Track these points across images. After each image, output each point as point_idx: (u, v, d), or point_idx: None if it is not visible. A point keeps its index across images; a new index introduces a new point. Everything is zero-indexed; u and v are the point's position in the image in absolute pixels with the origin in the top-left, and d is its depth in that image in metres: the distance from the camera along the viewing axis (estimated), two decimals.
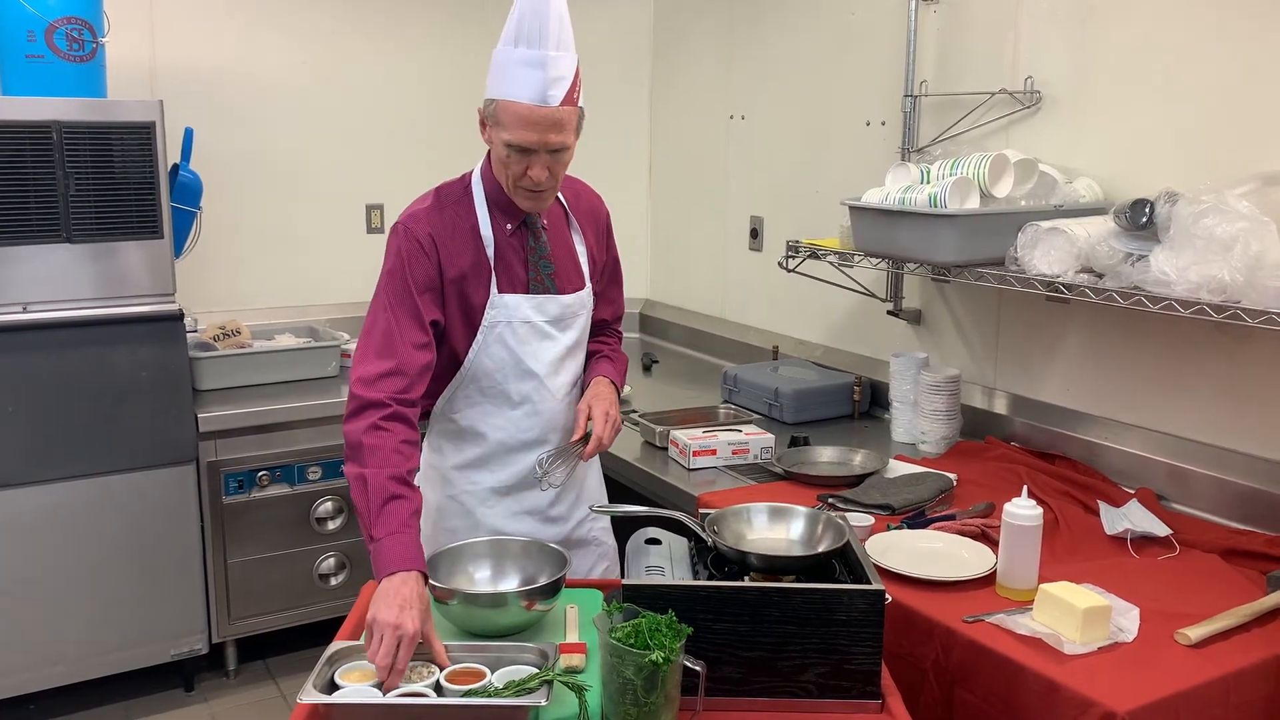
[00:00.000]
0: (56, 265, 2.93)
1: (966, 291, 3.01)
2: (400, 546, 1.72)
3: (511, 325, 2.06)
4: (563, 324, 2.12)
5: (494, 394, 2.09)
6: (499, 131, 1.93)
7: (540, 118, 1.88)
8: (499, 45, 1.92)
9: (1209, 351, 2.44)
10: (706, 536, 1.78)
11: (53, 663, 3.08)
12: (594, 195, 2.26)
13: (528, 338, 2.07)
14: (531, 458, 2.11)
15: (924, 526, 2.30)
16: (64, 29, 2.92)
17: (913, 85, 3.07)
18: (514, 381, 2.08)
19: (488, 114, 1.95)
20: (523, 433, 2.11)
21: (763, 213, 3.78)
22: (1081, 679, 1.70)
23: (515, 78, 1.88)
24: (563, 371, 2.13)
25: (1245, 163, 2.28)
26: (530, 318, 2.07)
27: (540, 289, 2.08)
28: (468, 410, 2.11)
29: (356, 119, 3.92)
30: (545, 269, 2.10)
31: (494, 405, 2.10)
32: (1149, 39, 2.51)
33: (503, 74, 1.90)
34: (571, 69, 1.90)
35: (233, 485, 3.25)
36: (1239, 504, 2.37)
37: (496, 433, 2.11)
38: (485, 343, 2.05)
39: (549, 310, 2.09)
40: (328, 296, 3.95)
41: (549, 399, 2.11)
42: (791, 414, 3.15)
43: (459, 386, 2.09)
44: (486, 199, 2.06)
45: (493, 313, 2.05)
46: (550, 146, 1.91)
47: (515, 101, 1.88)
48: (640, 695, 1.47)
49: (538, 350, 2.08)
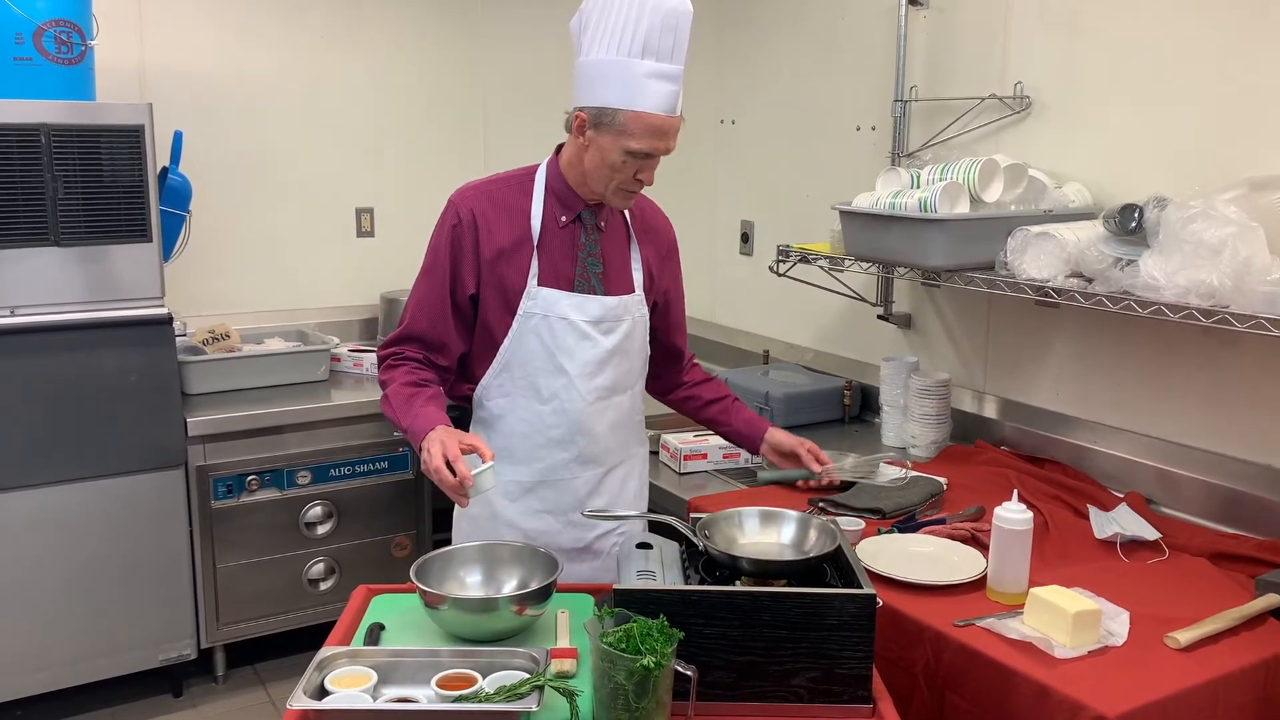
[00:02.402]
0: (45, 268, 2.91)
1: (956, 296, 3.02)
2: (424, 419, 1.96)
3: (548, 320, 2.08)
4: (604, 326, 2.11)
5: (525, 386, 2.11)
6: (621, 139, 1.95)
7: (669, 127, 1.96)
8: (611, 54, 1.91)
9: (1198, 356, 2.46)
10: (698, 541, 1.78)
11: (39, 668, 3.06)
12: (661, 216, 2.28)
13: (564, 335, 2.08)
14: (559, 456, 2.13)
15: (914, 530, 2.30)
16: (52, 31, 2.91)
17: (902, 90, 3.08)
18: (544, 376, 2.10)
19: (603, 120, 1.95)
20: (549, 429, 2.12)
21: (753, 217, 3.79)
22: (1072, 682, 1.70)
23: (648, 89, 1.92)
24: (600, 375, 2.12)
25: (1234, 168, 2.29)
26: (568, 315, 2.08)
27: (585, 287, 2.10)
28: (500, 399, 2.13)
29: (346, 122, 3.91)
30: (593, 267, 2.11)
31: (524, 398, 2.12)
32: (1138, 44, 2.52)
33: (630, 84, 1.91)
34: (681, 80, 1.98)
35: (221, 489, 3.24)
36: (1228, 508, 2.38)
37: (523, 425, 2.12)
38: (521, 332, 2.08)
39: (589, 310, 2.10)
40: (317, 300, 3.94)
41: (578, 399, 2.11)
42: (782, 418, 3.15)
43: (495, 374, 2.12)
44: (547, 188, 2.09)
45: (529, 303, 2.07)
46: (663, 152, 1.99)
47: (649, 113, 1.92)
48: (631, 700, 1.47)
49: (573, 349, 2.09)
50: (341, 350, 3.69)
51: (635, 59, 1.91)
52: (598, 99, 1.94)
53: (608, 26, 1.91)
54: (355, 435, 3.40)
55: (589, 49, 1.94)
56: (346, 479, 3.41)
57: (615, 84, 1.92)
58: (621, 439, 2.22)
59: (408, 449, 3.47)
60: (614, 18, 1.91)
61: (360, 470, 3.43)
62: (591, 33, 1.94)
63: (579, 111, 1.98)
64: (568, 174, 2.08)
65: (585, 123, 1.97)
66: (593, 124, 1.96)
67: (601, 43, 1.92)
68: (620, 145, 1.95)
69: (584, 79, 1.96)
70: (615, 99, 1.93)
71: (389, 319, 3.89)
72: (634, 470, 2.29)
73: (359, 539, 3.46)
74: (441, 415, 1.99)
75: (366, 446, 3.42)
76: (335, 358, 3.65)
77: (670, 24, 1.91)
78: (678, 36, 1.93)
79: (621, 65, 1.91)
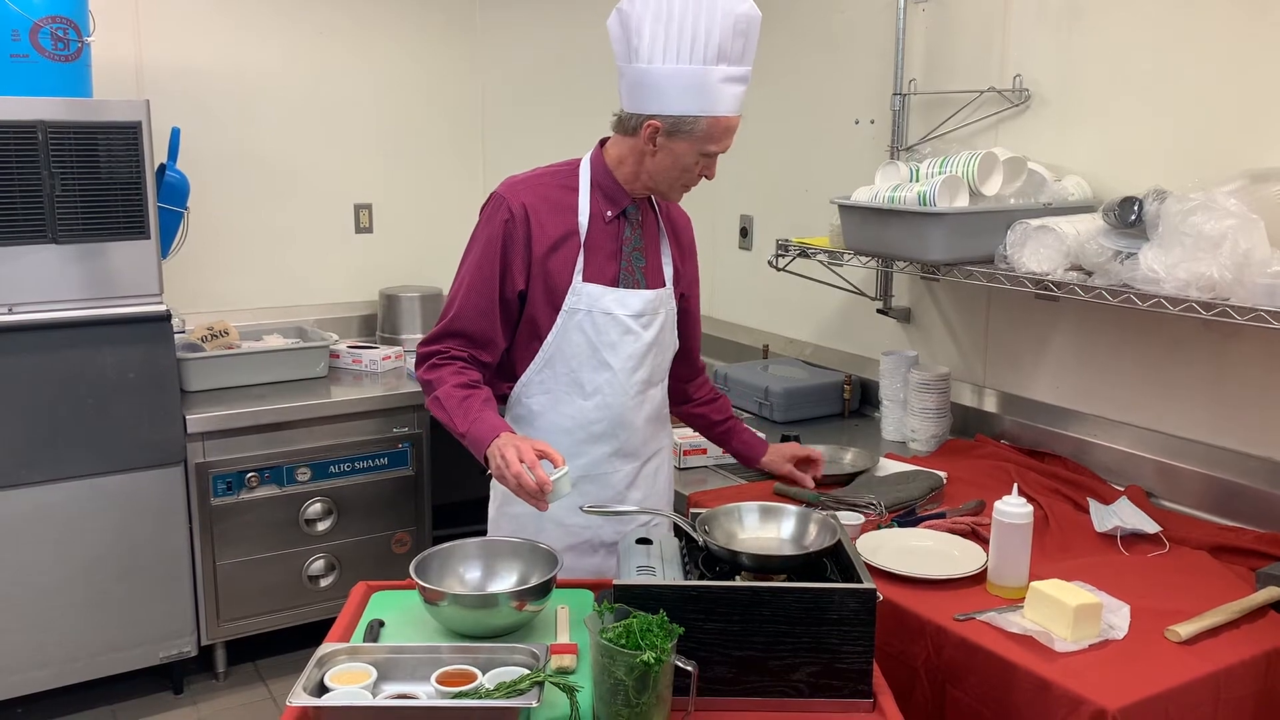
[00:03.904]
0: (42, 266, 2.91)
1: (956, 290, 3.02)
2: (484, 426, 1.95)
3: (591, 315, 2.08)
4: (644, 319, 2.13)
5: (568, 382, 2.11)
6: (700, 143, 1.98)
7: (735, 127, 2.02)
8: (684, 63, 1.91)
9: (1198, 349, 2.45)
10: (698, 536, 1.78)
11: (40, 665, 3.07)
12: (683, 215, 2.31)
13: (607, 329, 2.09)
14: (600, 450, 2.14)
15: (914, 525, 2.30)
16: (49, 28, 2.90)
17: (902, 84, 3.07)
18: (589, 371, 2.10)
19: (681, 128, 1.96)
20: (592, 424, 2.13)
21: (752, 211, 3.78)
22: (1072, 676, 1.70)
23: (724, 94, 1.95)
24: (641, 368, 2.14)
25: (1233, 160, 2.29)
26: (611, 309, 2.09)
27: (630, 281, 2.12)
28: (541, 397, 2.14)
29: (344, 118, 3.91)
30: (638, 261, 2.13)
31: (566, 394, 2.12)
32: (1137, 37, 2.51)
33: (708, 92, 1.93)
34: None
35: (221, 486, 3.24)
36: (1228, 501, 2.38)
37: (565, 421, 2.13)
38: (565, 328, 2.09)
39: (631, 304, 2.10)
40: (316, 297, 3.94)
41: (620, 393, 2.12)
42: (782, 413, 3.15)
43: (538, 370, 2.12)
44: (592, 182, 2.10)
45: (573, 299, 2.07)
46: (727, 149, 2.04)
47: (726, 116, 1.97)
48: (632, 696, 1.47)
49: (617, 343, 2.10)
50: (340, 347, 3.69)
51: (711, 65, 1.92)
52: (674, 108, 1.95)
53: (674, 33, 1.91)
54: (355, 432, 3.40)
55: (650, 56, 1.92)
56: (346, 475, 3.41)
57: (693, 93, 1.94)
58: (654, 431, 2.24)
59: (408, 445, 3.47)
60: (679, 24, 1.90)
61: (360, 467, 3.43)
62: (650, 39, 1.91)
63: (652, 120, 1.97)
64: (616, 171, 2.09)
65: (658, 131, 1.98)
66: (667, 132, 1.97)
67: (669, 50, 1.91)
68: (698, 149, 1.99)
69: (651, 87, 1.95)
70: (695, 107, 1.94)
71: (388, 315, 3.88)
72: (664, 461, 2.31)
73: (359, 535, 3.46)
74: (502, 421, 1.99)
75: (366, 443, 3.42)
76: (334, 354, 3.65)
77: (741, 29, 1.93)
78: (749, 40, 1.95)
79: (698, 74, 1.92)
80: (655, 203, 2.21)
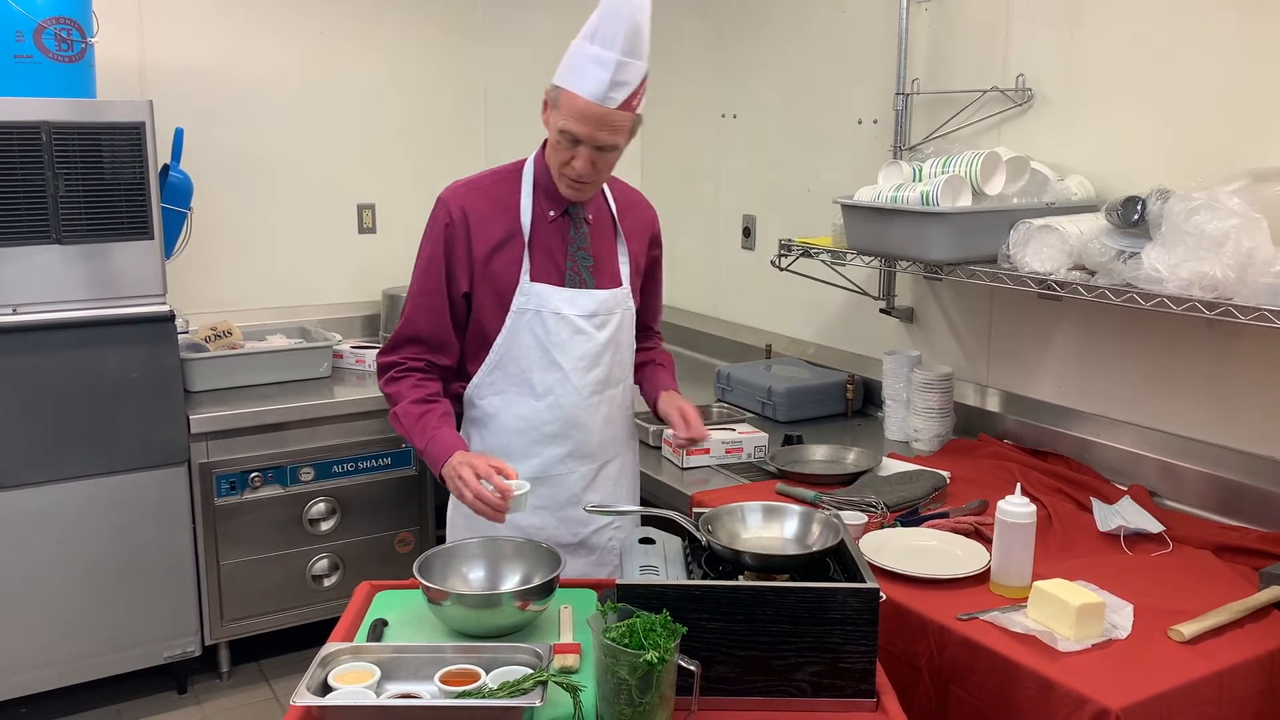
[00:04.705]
0: (46, 266, 2.91)
1: (959, 289, 3.02)
2: (439, 445, 2.00)
3: (541, 315, 2.08)
4: (597, 320, 2.13)
5: (519, 383, 2.11)
6: (556, 116, 1.99)
7: (594, 115, 1.95)
8: (578, 37, 1.97)
9: (1201, 348, 2.45)
10: (701, 536, 1.78)
11: (44, 665, 3.07)
12: (649, 210, 2.29)
13: (558, 330, 2.09)
14: (553, 451, 2.13)
15: (917, 524, 2.30)
16: (52, 29, 2.91)
17: (904, 83, 3.07)
18: (539, 372, 2.11)
19: (551, 97, 2.01)
20: (544, 424, 2.13)
21: (755, 211, 3.78)
22: (1075, 676, 1.70)
23: (583, 72, 1.94)
24: (595, 369, 2.13)
25: (1236, 159, 2.28)
26: (562, 310, 2.09)
27: (577, 281, 2.11)
28: (493, 398, 2.14)
29: (347, 118, 3.91)
30: (584, 261, 2.12)
31: (518, 394, 2.12)
32: (1140, 36, 2.51)
33: (572, 64, 1.96)
34: (638, 77, 1.96)
35: (225, 486, 3.24)
36: (1231, 500, 2.38)
37: (517, 422, 2.13)
38: (515, 329, 2.09)
39: (582, 305, 2.11)
40: (319, 297, 3.94)
41: (573, 394, 2.12)
42: (784, 412, 3.15)
43: (488, 371, 2.13)
44: (534, 183, 2.11)
45: (522, 299, 2.08)
46: (597, 143, 1.98)
47: (576, 94, 1.94)
48: (635, 695, 1.47)
49: (567, 344, 2.10)
50: (344, 347, 3.69)
51: (585, 41, 1.95)
52: (555, 77, 1.99)
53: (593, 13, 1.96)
54: (358, 432, 3.40)
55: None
56: (349, 475, 3.41)
57: (565, 62, 1.98)
58: (614, 433, 2.22)
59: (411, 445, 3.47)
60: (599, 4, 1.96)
61: (363, 466, 3.43)
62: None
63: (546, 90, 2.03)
64: (549, 161, 2.10)
65: (546, 101, 2.03)
66: (550, 102, 2.02)
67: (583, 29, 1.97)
68: (556, 123, 1.99)
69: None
70: (559, 76, 1.98)
71: (391, 315, 3.88)
72: (627, 465, 2.30)
73: (362, 535, 3.47)
74: (457, 437, 2.03)
75: (369, 443, 3.42)
76: (337, 354, 3.65)
77: (619, 12, 1.92)
78: (620, 25, 1.92)
79: (575, 46, 1.97)
80: (611, 202, 2.20)
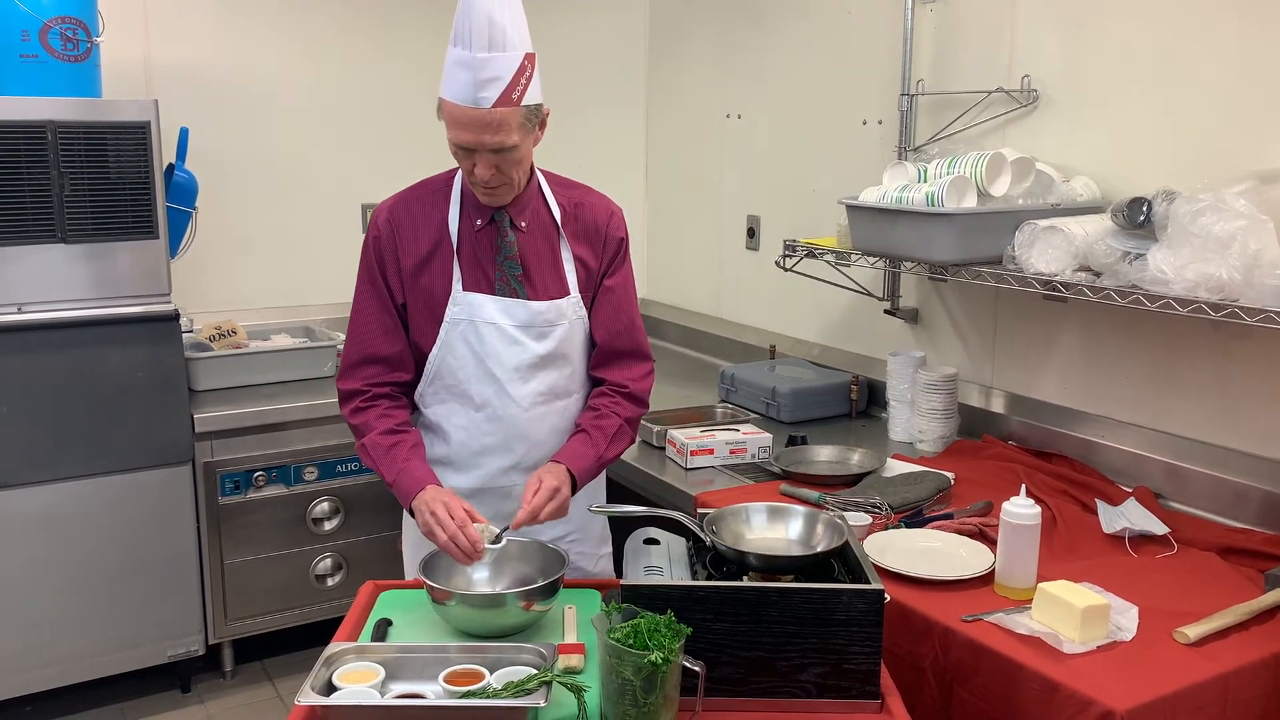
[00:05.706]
0: (51, 265, 2.92)
1: (964, 290, 3.01)
2: (409, 478, 1.96)
3: (475, 325, 2.02)
4: (535, 331, 2.04)
5: (458, 393, 2.07)
6: (447, 128, 1.91)
7: (471, 119, 1.85)
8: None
9: (1206, 350, 2.45)
10: (705, 536, 1.77)
11: (48, 664, 3.07)
12: (603, 212, 2.13)
13: (492, 340, 2.03)
14: (495, 463, 2.09)
15: (922, 526, 2.30)
16: (58, 28, 2.91)
17: (909, 84, 3.07)
18: (475, 383, 2.05)
19: (438, 110, 1.92)
20: (485, 436, 2.08)
21: (759, 212, 3.78)
22: (1080, 678, 1.70)
23: (452, 78, 1.86)
24: (532, 381, 2.06)
25: (1242, 161, 2.28)
26: (495, 319, 2.03)
27: (506, 291, 2.03)
28: (437, 406, 2.10)
29: (352, 118, 3.91)
30: (511, 269, 2.04)
31: (459, 405, 2.08)
32: (1146, 37, 2.51)
33: (445, 72, 1.88)
34: (509, 69, 1.83)
35: (229, 486, 3.24)
36: (1236, 502, 2.37)
37: (459, 433, 2.09)
38: (448, 339, 2.04)
39: (517, 315, 2.03)
40: (323, 296, 3.94)
41: (510, 405, 2.05)
42: (789, 413, 3.15)
43: (428, 382, 2.09)
44: (463, 192, 2.06)
45: (455, 309, 2.02)
46: (488, 146, 1.87)
47: (449, 101, 1.87)
48: (639, 696, 1.47)
49: (501, 354, 2.03)
50: None
51: (450, 46, 1.86)
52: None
53: None
54: None
55: None
56: (353, 475, 3.41)
57: (444, 72, 1.88)
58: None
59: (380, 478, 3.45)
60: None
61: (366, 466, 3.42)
62: None
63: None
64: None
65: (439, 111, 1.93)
66: (439, 115, 1.93)
67: None
68: (447, 135, 1.91)
69: None
70: (441, 87, 1.89)
71: None
72: None
73: (366, 535, 3.47)
74: (428, 471, 1.98)
75: None
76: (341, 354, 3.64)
77: (469, 7, 1.83)
78: (473, 21, 1.81)
79: (447, 54, 1.87)
80: (553, 205, 2.09)
